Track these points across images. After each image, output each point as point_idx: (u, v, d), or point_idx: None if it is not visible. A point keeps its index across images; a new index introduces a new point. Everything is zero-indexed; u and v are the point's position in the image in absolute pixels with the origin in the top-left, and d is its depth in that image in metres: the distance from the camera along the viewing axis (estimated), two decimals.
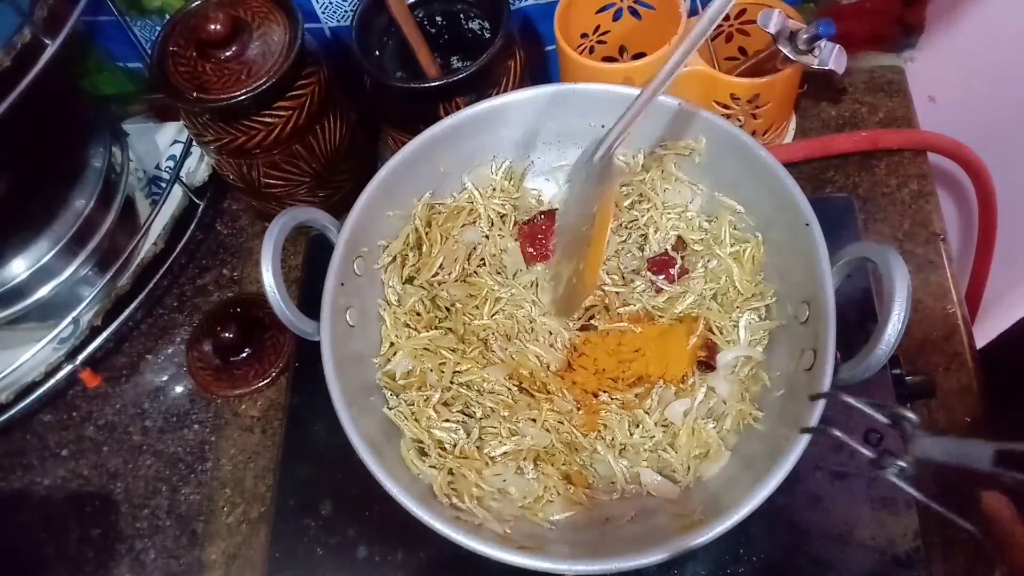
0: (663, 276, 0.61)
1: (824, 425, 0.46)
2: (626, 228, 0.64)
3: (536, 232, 0.64)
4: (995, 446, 0.40)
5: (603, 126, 0.62)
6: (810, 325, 0.52)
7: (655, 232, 0.62)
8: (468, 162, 0.64)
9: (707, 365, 0.58)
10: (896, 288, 0.44)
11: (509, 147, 0.64)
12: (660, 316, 0.60)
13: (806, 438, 0.46)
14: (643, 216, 0.63)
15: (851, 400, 0.44)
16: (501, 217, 0.64)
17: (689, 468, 0.55)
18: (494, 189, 0.65)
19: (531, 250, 0.63)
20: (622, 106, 0.60)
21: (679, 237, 0.62)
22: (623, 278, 0.62)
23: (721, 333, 0.58)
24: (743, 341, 0.57)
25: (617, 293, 0.61)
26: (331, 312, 0.55)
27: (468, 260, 0.63)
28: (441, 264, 0.62)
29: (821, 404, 0.46)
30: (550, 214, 0.65)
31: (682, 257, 0.62)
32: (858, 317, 0.62)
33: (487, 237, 0.64)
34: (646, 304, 0.61)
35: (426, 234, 0.62)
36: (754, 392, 0.56)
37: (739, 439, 0.55)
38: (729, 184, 0.60)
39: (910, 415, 0.43)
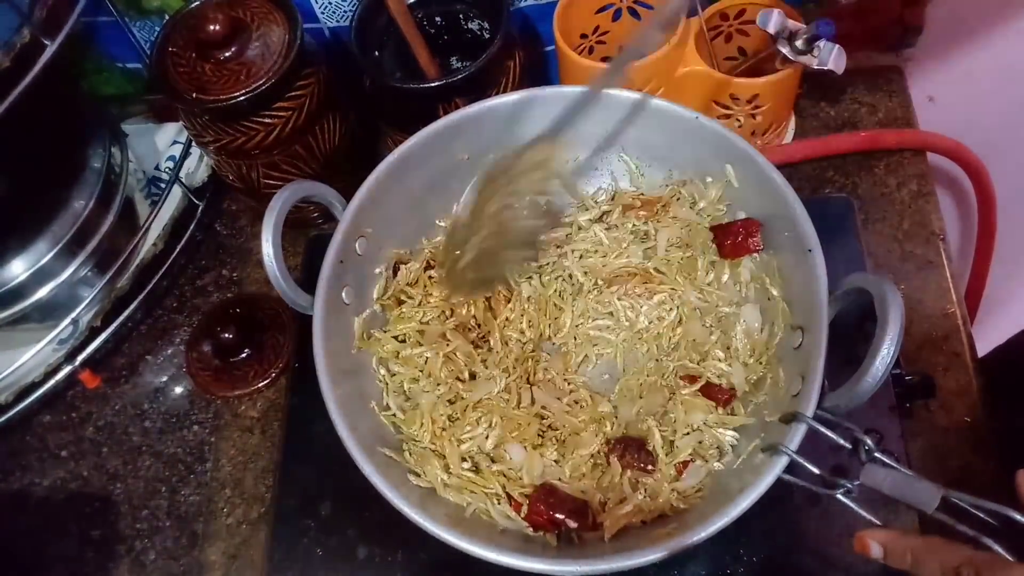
0: None
1: (781, 445, 0.46)
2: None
3: None
4: (943, 492, 0.40)
5: (607, 128, 0.62)
6: (802, 351, 0.51)
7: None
8: (483, 152, 0.64)
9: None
10: (889, 322, 0.44)
11: (522, 142, 0.64)
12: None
13: (783, 460, 0.46)
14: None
15: (815, 424, 0.46)
16: None
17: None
18: None
19: None
20: (623, 109, 0.60)
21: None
22: None
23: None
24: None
25: None
26: (327, 286, 0.56)
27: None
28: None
29: (801, 427, 0.47)
30: None
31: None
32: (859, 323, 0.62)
33: None
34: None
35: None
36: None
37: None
38: (740, 201, 0.60)
39: (867, 440, 0.43)
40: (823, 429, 0.46)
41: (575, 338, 0.61)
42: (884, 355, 0.44)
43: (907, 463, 0.59)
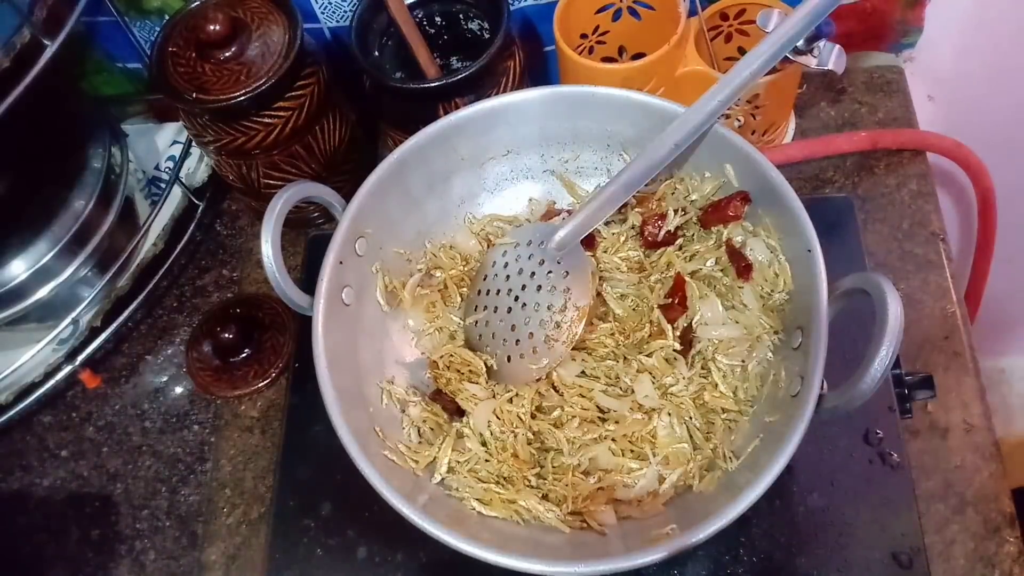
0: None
1: None
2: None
3: None
4: None
5: (607, 128, 0.62)
6: (801, 352, 0.51)
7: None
8: (482, 153, 0.64)
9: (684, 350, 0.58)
10: (888, 323, 0.44)
11: (522, 142, 0.64)
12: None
13: (784, 460, 0.46)
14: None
15: None
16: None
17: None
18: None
19: None
20: (623, 109, 0.60)
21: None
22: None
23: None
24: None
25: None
26: (327, 287, 0.56)
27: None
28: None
29: (802, 429, 0.47)
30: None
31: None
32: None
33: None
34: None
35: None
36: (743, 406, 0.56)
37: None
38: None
39: None
40: None
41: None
42: (883, 355, 0.44)
43: (907, 463, 0.59)
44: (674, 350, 0.57)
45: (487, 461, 0.56)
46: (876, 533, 0.57)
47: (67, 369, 0.71)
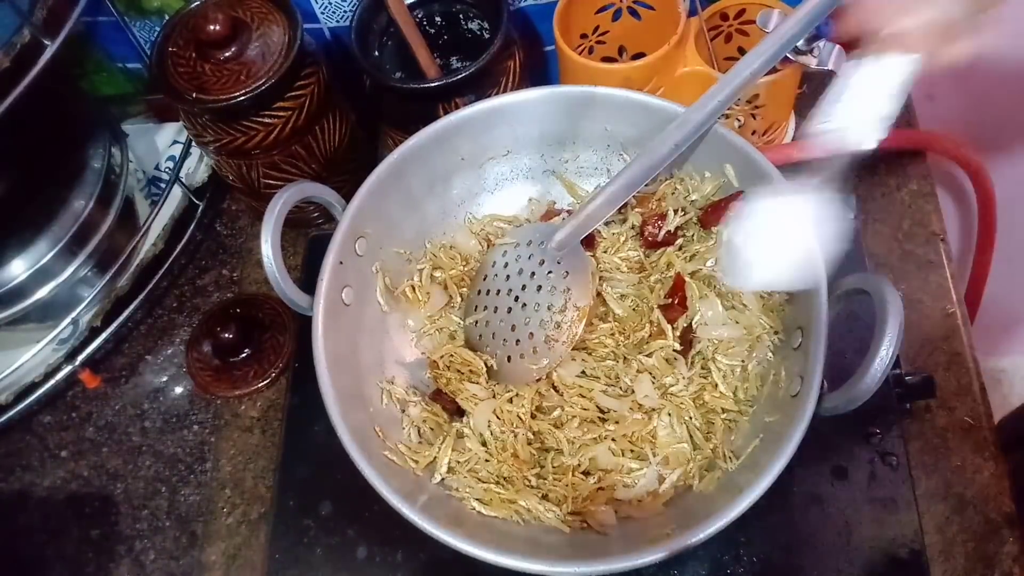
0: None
1: None
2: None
3: None
4: None
5: (607, 128, 0.62)
6: (801, 352, 0.52)
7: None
8: (482, 153, 0.64)
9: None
10: (888, 323, 0.44)
11: (522, 142, 0.64)
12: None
13: (784, 460, 0.46)
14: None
15: None
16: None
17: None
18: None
19: None
20: (623, 109, 0.60)
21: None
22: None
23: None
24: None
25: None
26: (327, 287, 0.56)
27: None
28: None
29: (802, 429, 0.47)
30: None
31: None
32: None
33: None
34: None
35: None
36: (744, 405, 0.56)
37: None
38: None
39: None
40: None
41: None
42: (883, 355, 0.44)
43: (907, 463, 0.59)
44: (674, 350, 0.57)
45: (487, 461, 0.56)
46: (876, 533, 0.57)
47: (67, 369, 0.71)
